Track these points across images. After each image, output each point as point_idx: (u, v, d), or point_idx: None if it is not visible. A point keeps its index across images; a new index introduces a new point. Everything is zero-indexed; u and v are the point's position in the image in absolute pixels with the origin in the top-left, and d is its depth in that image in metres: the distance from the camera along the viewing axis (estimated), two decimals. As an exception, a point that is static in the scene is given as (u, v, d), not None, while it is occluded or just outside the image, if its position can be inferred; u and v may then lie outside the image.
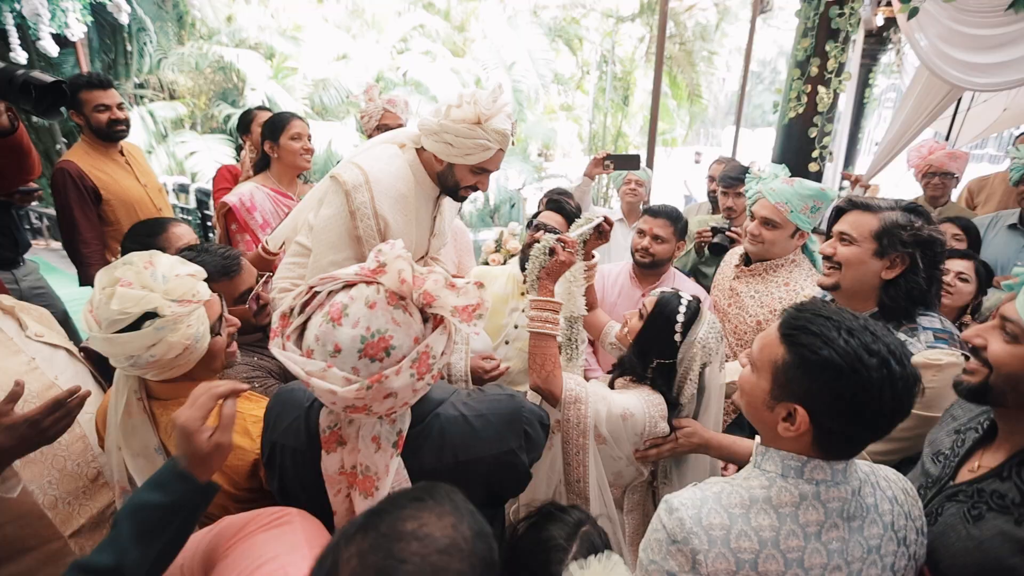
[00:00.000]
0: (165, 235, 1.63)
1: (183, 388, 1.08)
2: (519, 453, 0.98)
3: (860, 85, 5.45)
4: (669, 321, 1.34)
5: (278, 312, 0.85)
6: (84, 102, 2.36)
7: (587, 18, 10.72)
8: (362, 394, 0.77)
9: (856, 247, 1.31)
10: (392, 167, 1.48)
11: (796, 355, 0.78)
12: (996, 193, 3.30)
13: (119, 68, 8.44)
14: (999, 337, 0.89)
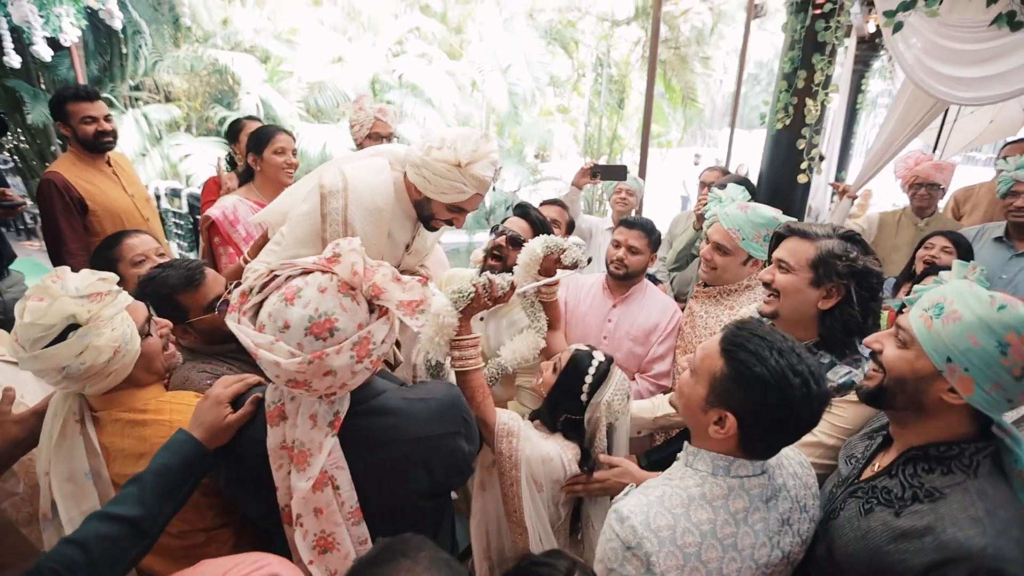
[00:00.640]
0: (119, 247, 1.68)
1: (126, 396, 1.12)
2: (458, 438, 1.05)
3: (853, 91, 5.48)
4: (578, 381, 1.39)
5: (239, 289, 0.93)
6: (71, 114, 2.37)
7: (583, 21, 10.73)
8: (303, 368, 0.84)
9: (793, 275, 1.30)
10: (376, 180, 1.49)
11: (733, 369, 0.88)
12: (982, 204, 3.32)
13: (115, 70, 8.41)
14: (893, 343, 0.99)
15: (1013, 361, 0.84)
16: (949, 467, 0.91)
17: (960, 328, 0.87)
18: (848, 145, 5.91)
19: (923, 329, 0.92)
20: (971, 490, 0.87)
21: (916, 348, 0.93)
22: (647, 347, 2.02)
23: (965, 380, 0.87)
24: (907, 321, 0.96)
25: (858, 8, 4.19)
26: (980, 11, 2.34)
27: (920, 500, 0.90)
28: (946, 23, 2.46)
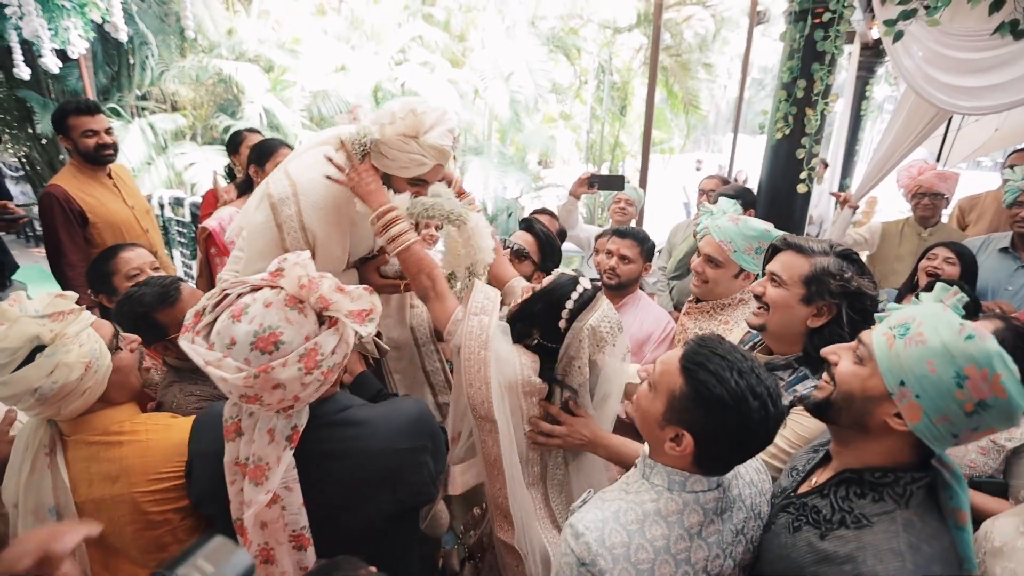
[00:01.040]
0: (115, 260, 1.70)
1: (100, 418, 1.10)
2: (423, 453, 1.04)
3: (857, 97, 5.46)
4: (557, 305, 1.25)
5: (192, 310, 0.95)
6: (72, 127, 2.40)
7: (585, 28, 10.75)
8: (250, 382, 0.86)
9: (784, 290, 1.27)
10: (324, 174, 1.44)
11: (692, 388, 0.87)
12: (988, 212, 3.28)
13: (122, 80, 8.53)
14: (850, 357, 0.96)
15: (968, 395, 0.80)
16: (881, 494, 0.88)
17: (921, 352, 0.83)
18: (853, 152, 5.88)
19: (883, 348, 0.88)
20: (898, 520, 0.84)
21: (872, 366, 0.90)
22: (640, 357, 2.01)
23: (914, 407, 0.84)
24: (869, 337, 0.93)
25: (860, 15, 4.17)
26: (982, 20, 2.32)
27: (847, 525, 0.88)
28: (947, 32, 2.44)
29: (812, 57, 2.68)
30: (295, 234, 1.41)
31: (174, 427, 1.15)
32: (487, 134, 11.07)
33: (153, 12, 8.32)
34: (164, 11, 8.49)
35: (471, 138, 10.82)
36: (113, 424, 1.12)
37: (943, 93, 2.49)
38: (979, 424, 0.81)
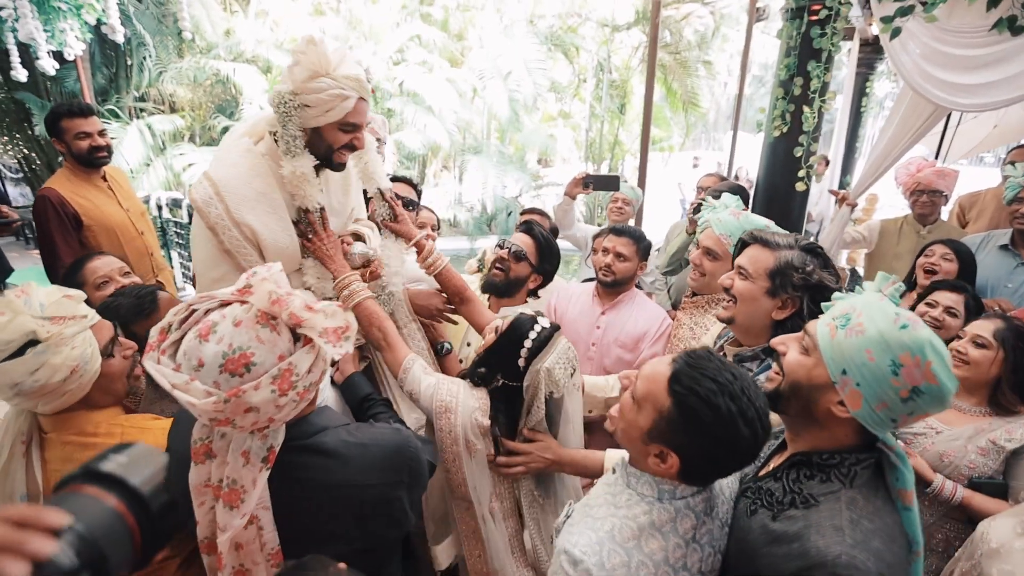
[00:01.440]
0: (82, 271, 1.69)
1: (79, 418, 1.09)
2: (397, 488, 1.00)
3: (857, 94, 5.44)
4: (516, 344, 1.30)
5: (157, 327, 0.88)
6: (65, 130, 2.39)
7: (583, 27, 10.73)
8: (220, 407, 0.80)
9: (751, 283, 1.31)
10: (243, 166, 1.40)
11: (680, 413, 0.86)
12: (988, 210, 3.25)
13: (120, 82, 8.53)
14: (797, 348, 0.98)
15: (903, 382, 0.83)
16: (828, 475, 0.91)
17: (860, 342, 0.86)
18: (853, 149, 5.86)
19: (826, 338, 0.91)
20: (842, 499, 0.88)
21: (816, 356, 0.93)
22: (636, 353, 2.02)
23: (855, 394, 0.87)
24: (814, 328, 0.96)
25: (859, 11, 4.14)
26: (980, 16, 2.30)
27: (796, 506, 0.91)
28: (945, 28, 2.42)
29: (809, 55, 2.67)
30: (230, 233, 1.35)
31: (150, 432, 1.13)
32: (486, 133, 11.06)
33: (151, 13, 8.31)
34: (161, 12, 8.49)
35: (470, 137, 10.82)
36: (90, 425, 1.10)
37: (941, 90, 2.47)
38: (914, 409, 0.85)
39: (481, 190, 10.27)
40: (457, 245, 10.09)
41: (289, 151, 1.38)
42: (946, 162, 3.94)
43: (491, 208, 10.36)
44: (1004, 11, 2.22)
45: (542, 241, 1.92)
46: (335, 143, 1.41)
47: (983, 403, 1.61)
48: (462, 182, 10.86)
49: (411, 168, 10.00)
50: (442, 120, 9.33)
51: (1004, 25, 2.23)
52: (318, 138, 1.41)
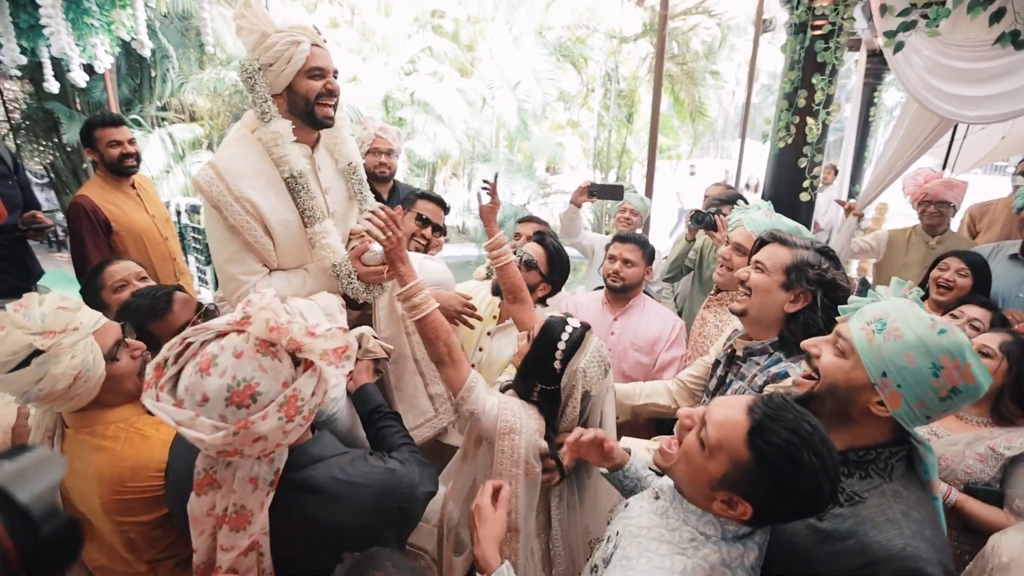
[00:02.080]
0: (101, 275, 1.75)
1: (95, 416, 1.14)
2: (385, 530, 1.00)
3: (865, 104, 5.46)
4: (550, 347, 1.33)
5: (152, 363, 0.87)
6: (98, 139, 2.53)
7: (591, 38, 10.85)
8: (230, 440, 0.80)
9: (766, 276, 1.39)
10: (240, 149, 1.46)
11: (762, 468, 0.82)
12: (999, 220, 3.25)
13: (144, 92, 8.80)
14: (831, 351, 1.02)
15: (942, 383, 0.89)
16: (867, 471, 0.96)
17: (899, 346, 0.92)
18: (862, 158, 5.86)
19: (864, 341, 0.96)
20: (887, 493, 0.92)
21: (854, 359, 0.97)
22: (653, 356, 2.09)
23: (895, 395, 0.92)
24: (848, 331, 1.00)
25: (865, 23, 4.19)
26: (983, 31, 2.34)
27: (841, 504, 0.94)
28: (948, 42, 2.46)
29: (813, 68, 2.72)
30: (232, 208, 1.39)
31: (152, 441, 1.15)
32: (495, 141, 11.18)
33: (175, 27, 8.60)
34: (185, 26, 8.77)
35: (479, 145, 10.94)
36: (101, 424, 1.15)
37: (945, 102, 2.51)
38: (950, 406, 0.92)
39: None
40: (465, 252, 10.18)
41: (263, 117, 1.43)
42: (954, 172, 3.94)
43: (499, 215, 10.43)
44: (1007, 25, 2.26)
45: (553, 251, 1.97)
46: (310, 93, 1.44)
47: (985, 414, 1.62)
48: (471, 189, 10.98)
49: (421, 176, 10.14)
50: (452, 129, 9.46)
51: (1007, 39, 2.26)
52: (294, 96, 1.45)
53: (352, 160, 1.67)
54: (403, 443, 1.21)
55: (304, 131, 1.52)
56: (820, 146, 2.80)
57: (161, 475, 1.11)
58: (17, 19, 3.39)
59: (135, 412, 1.19)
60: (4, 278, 2.48)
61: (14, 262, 2.51)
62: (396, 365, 1.70)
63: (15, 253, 2.51)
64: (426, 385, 1.75)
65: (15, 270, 2.53)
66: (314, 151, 1.58)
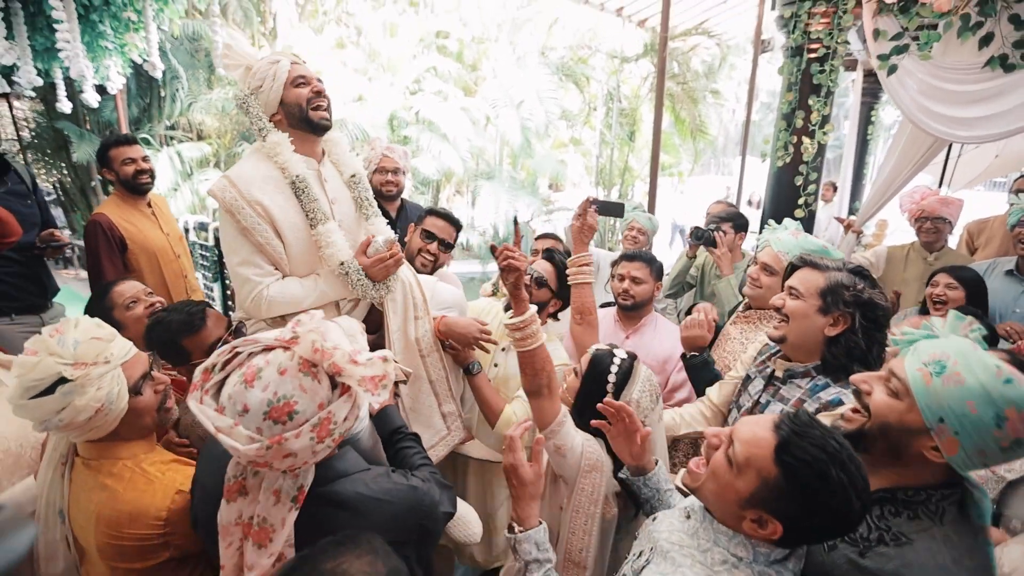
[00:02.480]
0: (110, 295, 1.78)
1: (106, 449, 1.11)
2: (406, 547, 1.00)
3: (863, 122, 5.56)
4: (601, 380, 1.34)
5: (201, 367, 0.91)
6: (113, 158, 2.60)
7: (593, 58, 11.07)
8: (262, 453, 0.83)
9: (802, 301, 1.37)
10: (250, 161, 1.57)
11: (790, 484, 0.81)
12: (996, 236, 3.29)
13: (152, 112, 9.00)
14: (883, 389, 0.98)
15: (1005, 435, 0.85)
16: (916, 512, 0.92)
17: (961, 392, 0.87)
18: (861, 175, 5.95)
19: (920, 384, 0.91)
20: (937, 537, 0.88)
21: (909, 401, 0.92)
22: (665, 375, 2.10)
23: (952, 442, 0.88)
24: (903, 371, 0.94)
25: (860, 45, 4.30)
26: (973, 54, 2.42)
27: (886, 543, 0.91)
28: (940, 65, 2.54)
29: (810, 89, 2.81)
30: (245, 211, 1.48)
31: (155, 487, 1.10)
32: (499, 159, 11.33)
33: (184, 48, 8.82)
34: (194, 47, 9.00)
35: (483, 163, 11.09)
36: (110, 459, 1.11)
37: (939, 123, 2.58)
38: (1011, 457, 0.88)
39: (493, 214, 10.48)
40: (469, 268, 10.26)
41: (261, 134, 1.55)
42: (950, 190, 4.00)
43: (503, 232, 10.55)
44: (995, 49, 2.34)
45: (562, 268, 1.99)
46: (300, 100, 1.55)
47: None
48: (475, 206, 11.09)
49: (425, 193, 10.26)
50: (456, 147, 9.61)
51: (996, 63, 2.35)
52: (288, 107, 1.55)
53: (356, 172, 1.74)
54: (423, 464, 1.23)
55: (308, 142, 1.62)
56: (816, 164, 2.87)
57: (160, 523, 1.07)
58: (33, 42, 3.49)
59: (145, 449, 1.16)
60: (22, 295, 2.53)
61: (32, 279, 2.57)
62: (411, 387, 1.72)
63: (33, 271, 2.57)
64: (439, 405, 1.78)
65: (33, 287, 2.58)
66: (320, 164, 1.66)
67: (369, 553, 0.70)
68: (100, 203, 8.61)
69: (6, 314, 2.47)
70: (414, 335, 1.73)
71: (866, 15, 2.59)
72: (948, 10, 2.28)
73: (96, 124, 8.47)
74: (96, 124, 8.47)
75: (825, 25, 2.73)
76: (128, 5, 3.60)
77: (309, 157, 1.62)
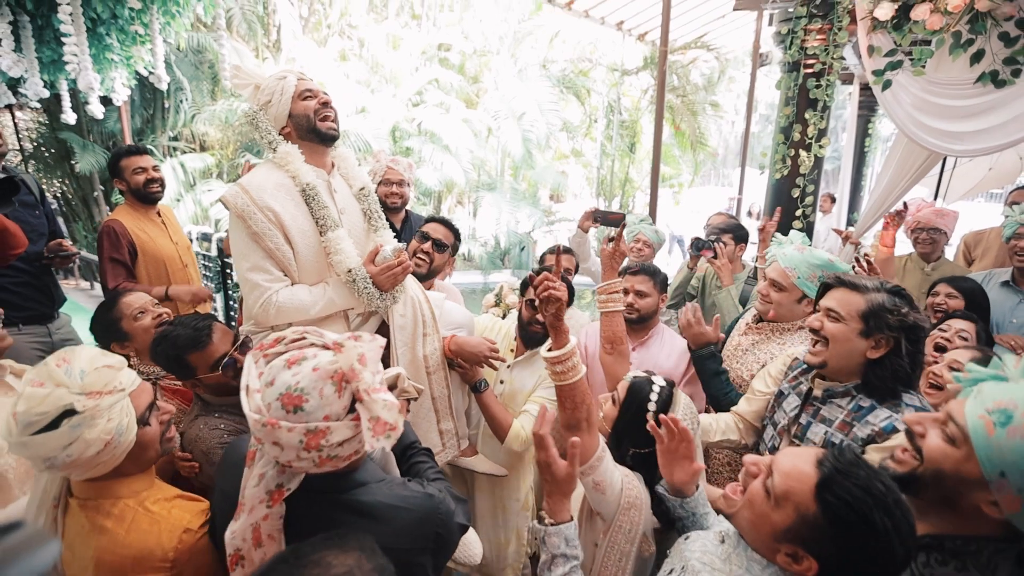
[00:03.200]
0: (117, 307, 1.76)
1: (106, 488, 1.03)
2: (422, 554, 1.02)
3: (860, 135, 5.63)
4: (641, 410, 1.31)
5: (275, 334, 0.96)
6: (124, 168, 2.64)
7: (594, 71, 11.23)
8: (256, 427, 0.86)
9: (843, 324, 1.33)
10: (262, 170, 1.60)
11: (829, 523, 0.78)
12: (992, 248, 3.33)
13: (156, 123, 9.09)
14: (939, 434, 0.91)
15: None
16: (964, 564, 0.86)
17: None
18: (859, 186, 6.01)
19: (982, 433, 0.83)
20: None
21: (967, 449, 0.85)
22: None
23: (1013, 499, 0.80)
24: (962, 416, 0.87)
25: (856, 60, 4.37)
26: (965, 70, 2.47)
27: None
28: (933, 81, 2.59)
29: (806, 104, 2.86)
30: (256, 216, 1.50)
31: (161, 525, 1.04)
32: (500, 170, 11.43)
33: (189, 60, 8.95)
34: (199, 59, 9.13)
35: (485, 174, 11.19)
36: (110, 498, 1.04)
37: (933, 137, 2.62)
38: None
39: (495, 225, 10.55)
40: (471, 279, 10.29)
41: (271, 146, 1.59)
42: (946, 202, 4.05)
43: (504, 243, 10.61)
44: (986, 65, 2.40)
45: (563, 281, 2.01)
46: (307, 111, 1.59)
47: None
48: (476, 217, 11.16)
49: (427, 204, 10.34)
50: (458, 158, 9.70)
51: (987, 78, 2.40)
52: (297, 120, 1.60)
53: (364, 185, 1.78)
54: (436, 478, 1.23)
55: (317, 153, 1.66)
56: (814, 177, 2.92)
57: (167, 566, 1.01)
58: (40, 54, 3.53)
59: (146, 485, 1.09)
60: (30, 305, 2.54)
61: (40, 289, 2.58)
62: (414, 402, 1.73)
63: (41, 281, 2.58)
64: (438, 422, 1.79)
65: (41, 297, 2.59)
66: (330, 175, 1.70)
67: (357, 550, 0.71)
68: (102, 214, 8.69)
69: (13, 324, 2.48)
70: (422, 352, 1.74)
71: (861, 32, 2.65)
72: (940, 28, 2.33)
73: (99, 135, 8.55)
74: (99, 135, 8.55)
75: (821, 41, 2.80)
76: (136, 19, 3.64)
77: (319, 168, 1.65)
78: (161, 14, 3.71)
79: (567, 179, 11.60)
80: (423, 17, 12.28)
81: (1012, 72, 2.33)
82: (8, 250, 2.12)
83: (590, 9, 6.04)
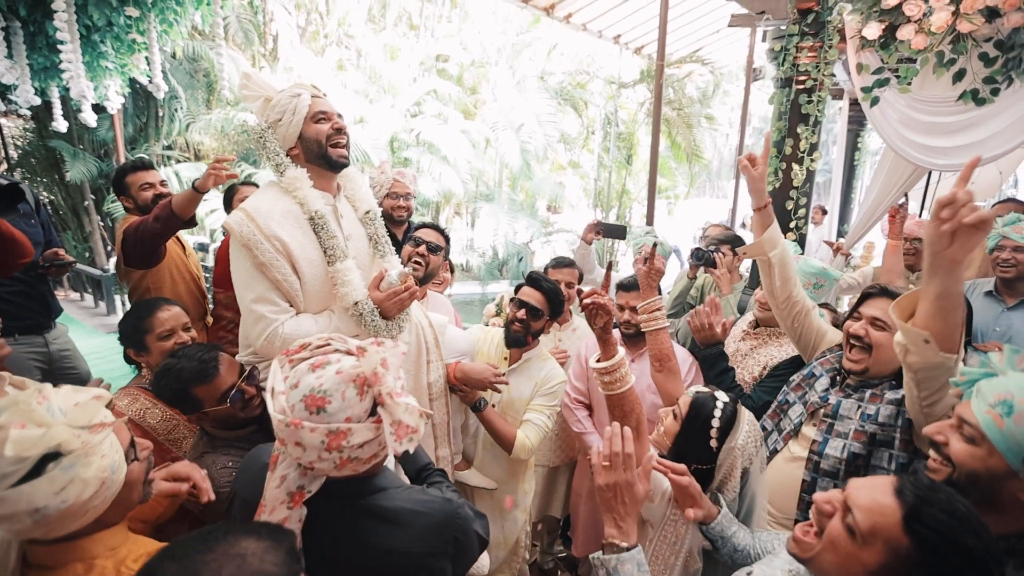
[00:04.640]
0: (150, 319, 1.70)
1: (83, 547, 0.87)
2: (441, 559, 1.02)
3: (850, 148, 5.72)
4: (704, 426, 1.30)
5: (302, 341, 1.00)
6: (130, 184, 2.54)
7: (592, 83, 11.37)
8: (281, 428, 0.88)
9: (890, 333, 1.38)
10: (268, 194, 1.53)
11: (926, 556, 0.76)
12: (976, 259, 3.39)
13: (149, 131, 8.98)
14: (958, 437, 0.95)
15: None
16: (1021, 561, 0.88)
17: None
18: (849, 199, 6.10)
19: (993, 427, 0.89)
20: None
21: (987, 445, 0.90)
22: None
23: None
24: (972, 416, 0.92)
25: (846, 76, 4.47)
26: (947, 88, 2.56)
27: None
28: (918, 98, 2.68)
29: (798, 118, 2.93)
30: (263, 246, 1.43)
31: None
32: (498, 181, 11.51)
33: (183, 69, 8.95)
34: (194, 68, 9.13)
35: (483, 185, 11.26)
36: (81, 561, 0.86)
37: (918, 152, 2.70)
38: None
39: (493, 236, 10.61)
40: (469, 290, 10.32)
41: (279, 170, 1.52)
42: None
43: (502, 253, 10.66)
44: (968, 84, 2.49)
45: (549, 292, 2.01)
46: (320, 136, 1.51)
47: None
48: (474, 228, 11.21)
49: (425, 215, 10.38)
50: (456, 169, 9.77)
51: (968, 96, 2.49)
52: (307, 143, 1.52)
53: (370, 208, 1.72)
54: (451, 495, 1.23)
55: (324, 178, 1.58)
56: (806, 190, 2.98)
57: None
58: (32, 60, 3.45)
59: (122, 539, 0.93)
60: (26, 314, 2.48)
61: (36, 299, 2.52)
62: None
63: (36, 290, 2.52)
64: (436, 448, 1.77)
65: (37, 306, 2.53)
66: (336, 200, 1.63)
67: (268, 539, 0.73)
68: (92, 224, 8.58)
69: (9, 334, 2.42)
70: (426, 380, 1.71)
71: (850, 50, 2.73)
72: (924, 47, 2.42)
73: (91, 143, 8.45)
74: (91, 143, 8.45)
75: (812, 58, 2.87)
76: (132, 27, 3.57)
77: (325, 192, 1.59)
78: (159, 22, 3.65)
79: (564, 190, 11.70)
80: (421, 28, 12.42)
81: (991, 91, 2.42)
82: (15, 259, 2.09)
83: (588, 23, 6.14)
